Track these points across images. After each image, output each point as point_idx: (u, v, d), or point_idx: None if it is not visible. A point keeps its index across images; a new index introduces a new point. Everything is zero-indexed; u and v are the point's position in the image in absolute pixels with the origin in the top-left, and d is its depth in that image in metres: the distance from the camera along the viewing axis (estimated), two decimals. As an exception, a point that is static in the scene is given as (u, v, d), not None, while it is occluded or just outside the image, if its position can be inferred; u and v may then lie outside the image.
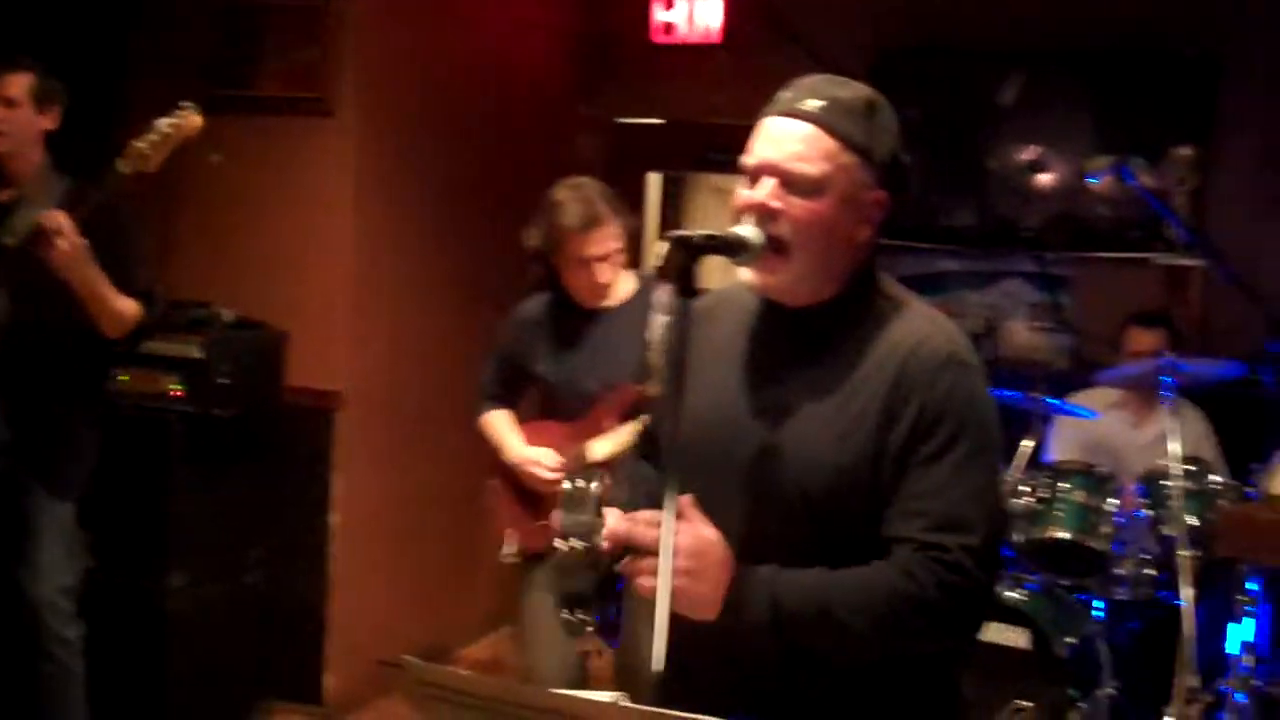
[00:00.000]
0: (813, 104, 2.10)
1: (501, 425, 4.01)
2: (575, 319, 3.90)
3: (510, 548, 3.89)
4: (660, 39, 6.57)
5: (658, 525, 1.93)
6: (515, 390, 4.08)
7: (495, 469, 4.00)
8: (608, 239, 3.78)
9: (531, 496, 3.92)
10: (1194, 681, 4.17)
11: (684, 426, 1.99)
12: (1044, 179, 6.47)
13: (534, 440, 3.93)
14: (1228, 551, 4.19)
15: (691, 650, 2.00)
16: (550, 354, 3.92)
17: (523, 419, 4.04)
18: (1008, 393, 4.70)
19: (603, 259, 3.78)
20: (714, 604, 2.01)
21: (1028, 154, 6.48)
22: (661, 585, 1.88)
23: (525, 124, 6.22)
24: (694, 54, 6.54)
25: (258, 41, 5.10)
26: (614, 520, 2.09)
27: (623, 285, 3.92)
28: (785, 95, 2.15)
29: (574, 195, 3.77)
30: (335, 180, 5.11)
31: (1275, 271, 5.88)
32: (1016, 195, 6.52)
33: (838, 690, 2.09)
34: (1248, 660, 4.46)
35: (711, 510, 2.05)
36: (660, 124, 6.88)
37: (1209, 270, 5.88)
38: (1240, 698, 4.38)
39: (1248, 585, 4.48)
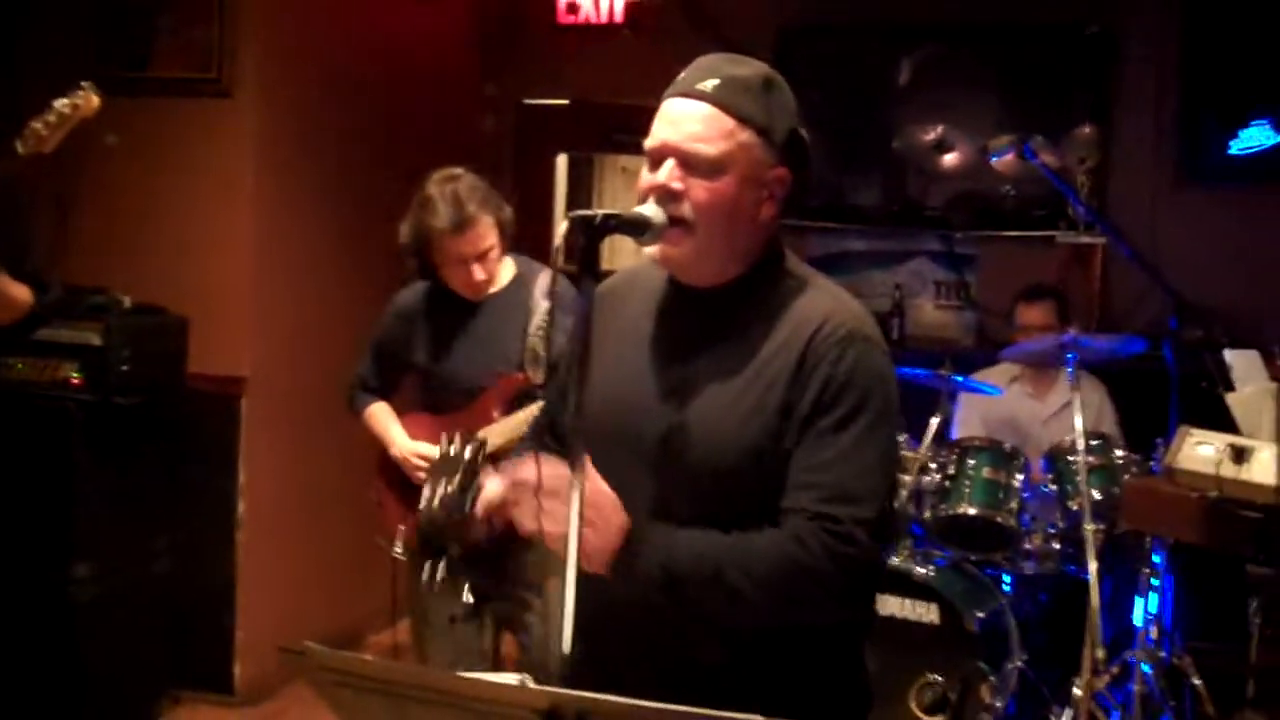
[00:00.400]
0: (709, 84, 2.09)
1: (384, 418, 3.91)
2: (454, 309, 3.79)
3: (399, 545, 3.83)
4: (565, 19, 6.55)
5: (553, 469, 1.94)
6: (392, 381, 3.98)
7: (379, 463, 3.91)
8: (480, 238, 3.63)
9: (417, 492, 3.82)
10: (1100, 653, 4.22)
11: (590, 407, 1.98)
12: (949, 158, 6.53)
13: (415, 434, 3.83)
14: (1132, 525, 4.24)
15: (598, 632, 1.97)
16: (430, 345, 3.81)
17: (399, 410, 3.94)
18: (915, 371, 4.73)
19: (478, 258, 3.66)
20: (607, 556, 2.00)
21: (932, 133, 6.53)
22: (570, 571, 1.84)
23: (429, 105, 6.15)
24: (599, 34, 6.52)
25: (152, 21, 4.99)
26: (494, 485, 2.08)
27: (503, 271, 3.81)
28: (683, 76, 2.14)
29: (443, 192, 3.62)
30: (234, 163, 5.02)
31: (1175, 248, 5.99)
32: (922, 175, 6.59)
33: (742, 666, 2.09)
34: (1153, 632, 4.55)
35: (619, 489, 2.03)
36: (567, 105, 6.85)
37: (1110, 247, 5.97)
38: (1146, 668, 4.46)
39: (1152, 558, 4.56)
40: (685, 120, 2.08)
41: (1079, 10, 6.27)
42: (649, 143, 2.12)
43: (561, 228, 1.97)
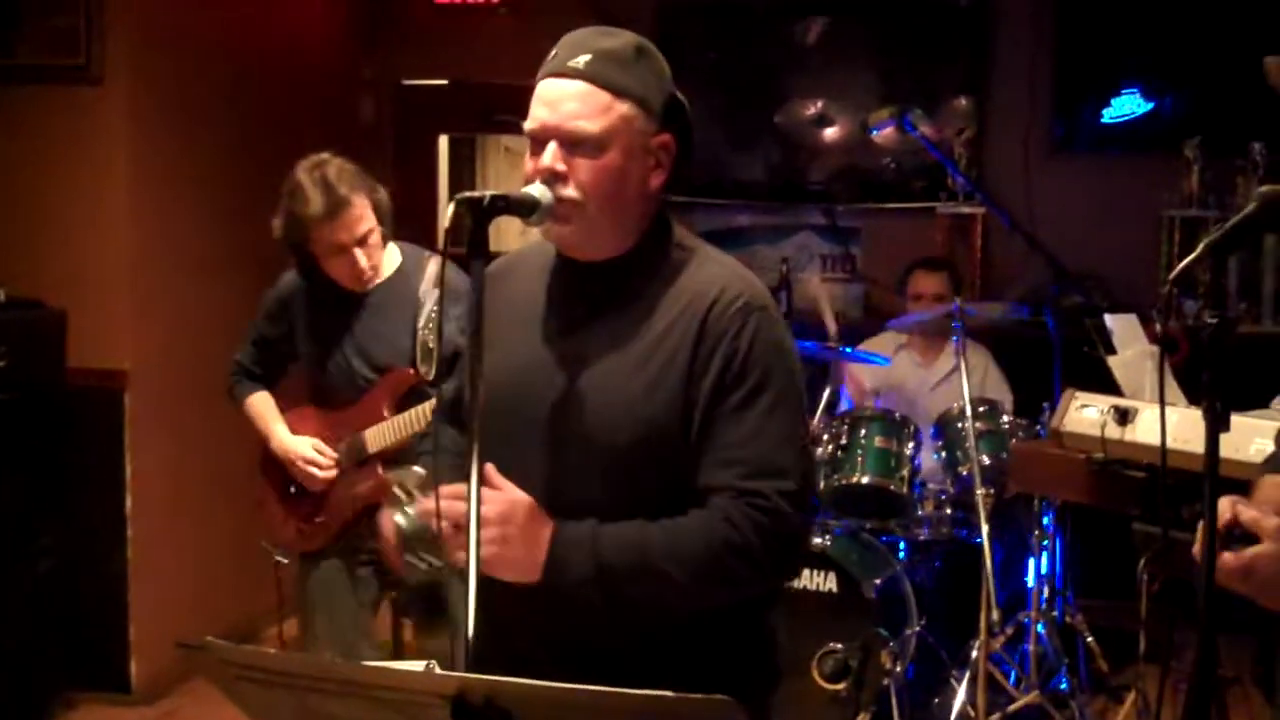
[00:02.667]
0: (581, 60, 2.07)
1: (266, 410, 3.79)
2: (338, 301, 3.64)
3: (280, 552, 3.76)
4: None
5: (464, 496, 1.88)
6: (274, 371, 3.85)
7: (260, 458, 3.81)
8: (356, 221, 3.48)
9: (301, 491, 3.74)
10: (995, 615, 4.29)
11: (487, 388, 1.95)
12: (830, 132, 6.59)
13: (299, 428, 3.73)
14: (1020, 488, 4.32)
15: (508, 615, 1.96)
16: (314, 340, 3.69)
17: (286, 402, 3.84)
18: (803, 343, 4.76)
19: (359, 243, 3.51)
20: (535, 566, 1.98)
21: (813, 108, 6.58)
22: (470, 554, 1.83)
23: (307, 89, 6.05)
24: (477, 14, 6.47)
25: (18, 7, 4.83)
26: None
27: (386, 261, 3.67)
28: (553, 55, 2.11)
29: (313, 178, 3.47)
30: (107, 151, 4.88)
31: (1052, 215, 6.11)
32: (804, 149, 6.64)
33: (652, 642, 2.08)
34: (1045, 592, 4.64)
35: (520, 471, 2.02)
36: (446, 85, 6.79)
37: (990, 217, 6.06)
38: (1040, 628, 4.55)
39: (1042, 520, 4.65)
40: (562, 100, 2.06)
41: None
42: (528, 126, 2.10)
43: (448, 210, 1.94)
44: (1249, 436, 3.15)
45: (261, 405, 3.80)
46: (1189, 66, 5.97)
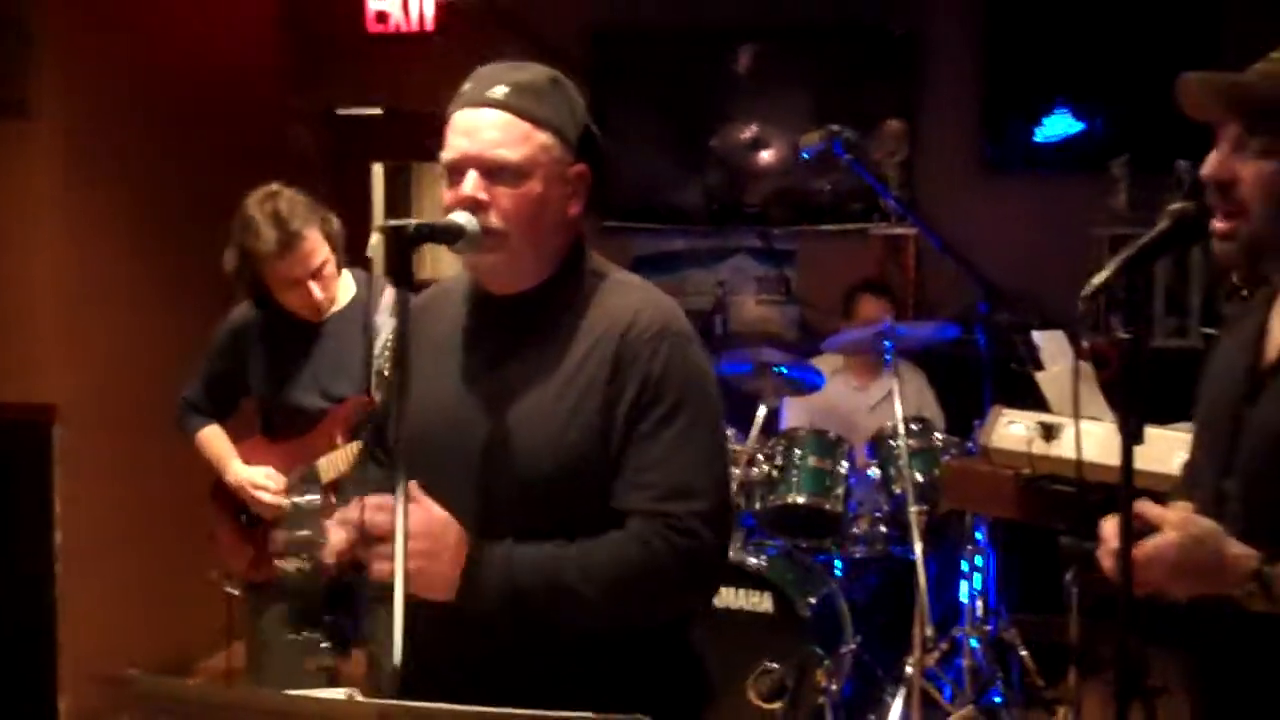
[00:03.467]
0: (498, 91, 2.10)
1: (218, 444, 3.74)
2: (294, 332, 3.60)
3: (231, 583, 3.73)
4: (375, 28, 6.49)
5: (389, 508, 1.90)
6: (227, 404, 3.80)
7: (212, 491, 3.76)
8: (309, 255, 3.43)
9: (254, 521, 3.69)
10: (930, 631, 4.34)
11: (411, 423, 1.98)
12: (765, 156, 6.64)
13: (252, 460, 3.67)
14: (952, 504, 4.37)
15: (431, 641, 2.00)
16: (269, 372, 3.64)
17: (237, 434, 3.79)
18: (740, 366, 4.79)
19: (313, 276, 3.46)
20: (450, 583, 2.00)
21: (748, 132, 6.64)
22: (398, 578, 1.84)
23: (239, 119, 6.03)
24: (410, 42, 6.48)
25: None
26: (338, 534, 2.06)
27: (341, 289, 3.63)
28: (468, 88, 2.14)
29: (264, 212, 3.41)
30: (39, 184, 4.86)
31: (982, 236, 6.18)
32: (739, 173, 6.69)
33: (575, 666, 2.10)
34: (978, 607, 4.68)
35: (445, 502, 2.03)
36: (380, 114, 6.79)
37: (922, 237, 6.13)
38: (974, 643, 4.60)
39: (975, 535, 4.70)
40: (481, 130, 2.08)
41: (885, 10, 6.43)
42: (447, 157, 2.12)
43: (374, 239, 1.96)
44: (1172, 449, 3.20)
45: (213, 439, 3.76)
46: (1117, 86, 6.07)
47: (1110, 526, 1.92)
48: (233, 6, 6.11)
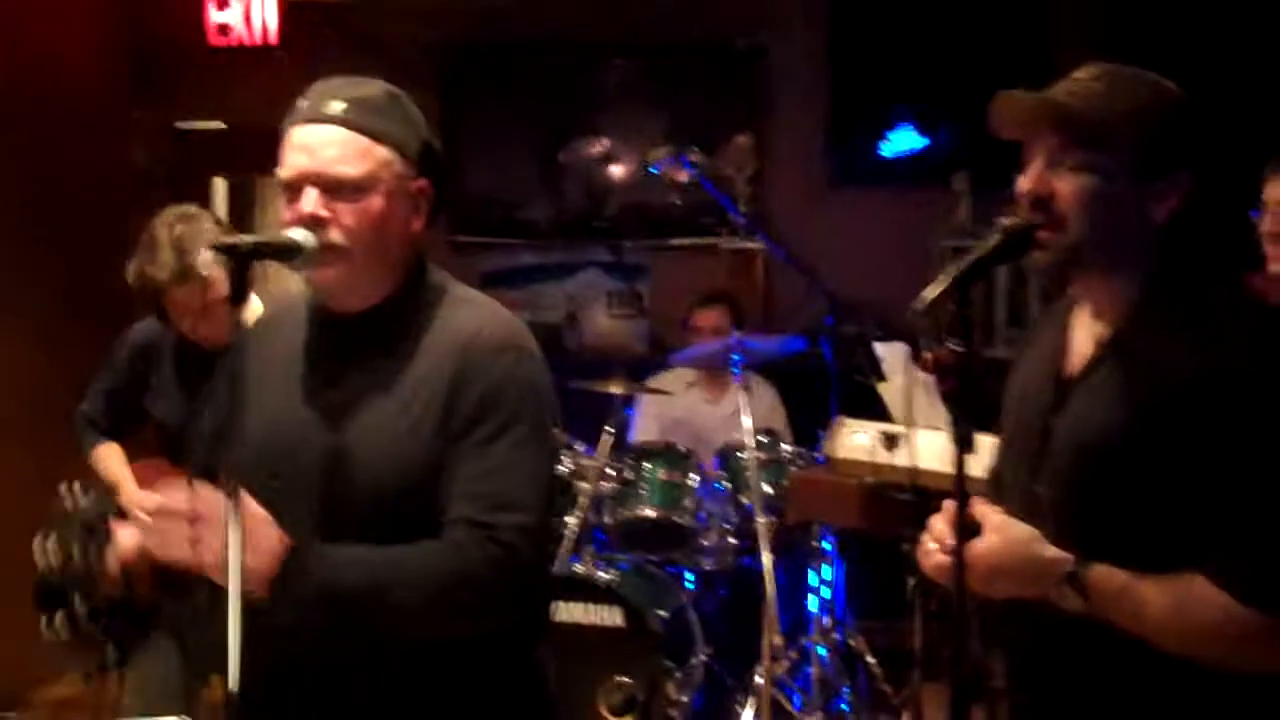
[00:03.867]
0: (337, 106, 2.09)
1: (114, 465, 3.63)
2: (196, 354, 3.47)
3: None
4: (217, 41, 6.37)
5: (208, 496, 1.92)
6: (126, 423, 3.69)
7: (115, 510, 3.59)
8: (208, 287, 3.28)
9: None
10: (779, 640, 4.37)
11: (249, 440, 1.99)
12: (616, 171, 6.65)
13: (146, 481, 3.52)
14: (798, 515, 4.41)
15: (267, 667, 1.97)
16: (169, 396, 3.55)
17: (135, 453, 3.67)
18: (589, 382, 4.78)
19: (212, 304, 3.32)
20: (264, 578, 1.96)
21: (599, 146, 6.64)
22: (232, 593, 1.82)
23: (77, 132, 5.87)
24: (253, 56, 6.37)
25: None
26: (126, 538, 2.02)
27: (249, 312, 3.53)
28: (305, 104, 2.12)
29: (169, 237, 3.28)
30: None
31: (829, 249, 6.26)
32: (591, 187, 6.69)
33: (413, 687, 2.08)
34: (826, 616, 4.73)
35: (286, 522, 2.01)
36: (224, 128, 6.67)
37: (770, 252, 6.19)
38: (822, 651, 4.64)
39: (823, 545, 4.75)
40: (321, 146, 2.07)
41: (732, 27, 6.49)
42: (284, 174, 2.10)
43: (205, 257, 1.93)
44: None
45: (107, 458, 3.64)
46: (959, 101, 6.19)
47: (935, 529, 1.97)
48: (71, 19, 5.95)
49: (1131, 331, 1.91)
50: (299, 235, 2.05)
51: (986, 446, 2.13)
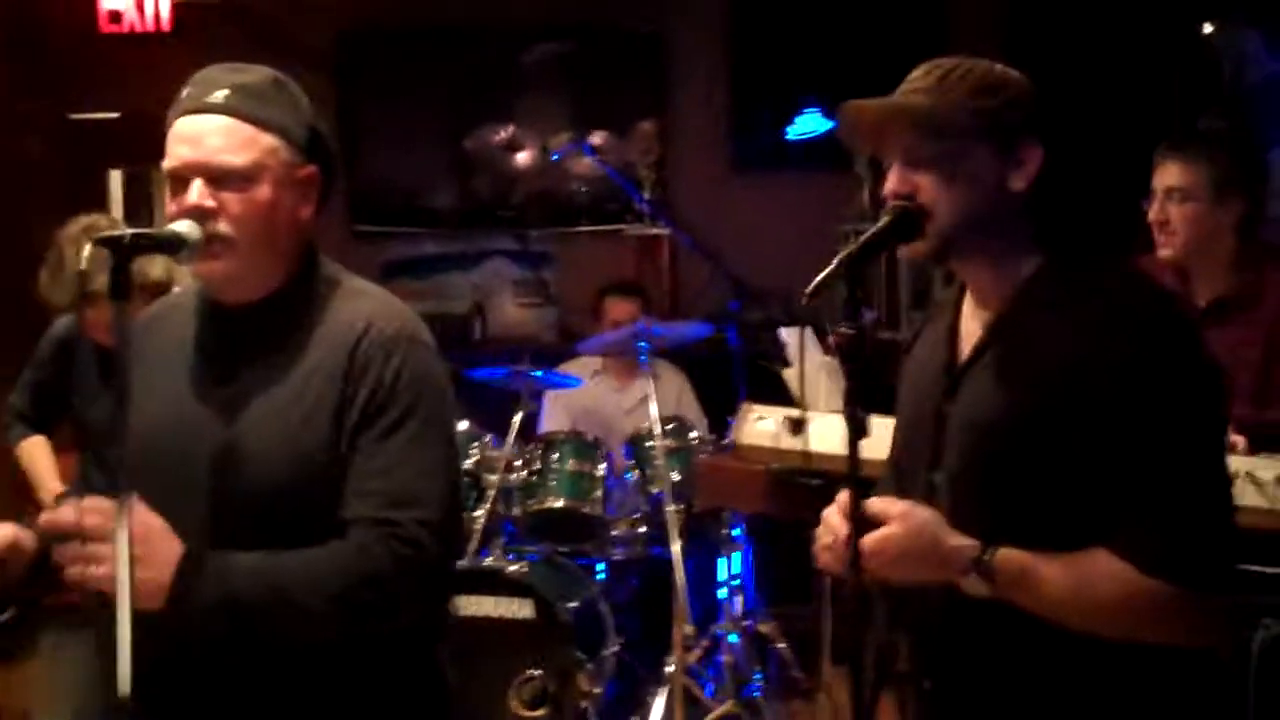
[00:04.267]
0: (219, 95, 2.05)
1: (38, 459, 3.65)
2: (109, 355, 3.43)
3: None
4: (108, 29, 6.23)
5: (103, 511, 1.87)
6: (53, 416, 3.69)
7: (31, 506, 3.58)
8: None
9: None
10: (690, 629, 4.36)
11: (137, 439, 1.94)
12: (521, 158, 6.60)
13: (70, 476, 3.52)
14: (705, 502, 4.39)
15: (162, 665, 1.93)
16: (92, 394, 3.51)
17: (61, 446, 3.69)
18: (496, 370, 4.74)
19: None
20: (161, 591, 1.92)
21: (503, 134, 6.59)
22: (121, 596, 1.77)
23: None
24: (146, 43, 6.24)
25: None
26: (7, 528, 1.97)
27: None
28: (188, 93, 2.08)
29: (74, 250, 3.30)
30: None
31: (733, 234, 6.27)
32: (496, 175, 6.63)
33: (310, 687, 2.05)
34: (737, 603, 4.73)
35: (180, 521, 1.97)
36: (118, 118, 6.52)
37: (676, 238, 6.18)
38: (733, 639, 4.63)
39: (733, 532, 4.74)
40: (205, 135, 2.04)
41: (637, 12, 6.46)
42: (169, 165, 2.06)
43: (85, 251, 1.89)
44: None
45: (34, 453, 3.66)
46: (864, 85, 6.21)
47: (830, 520, 1.99)
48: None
49: (1018, 314, 1.94)
50: (183, 228, 2.00)
51: (882, 429, 2.14)
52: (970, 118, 1.91)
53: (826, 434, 3.50)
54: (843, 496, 1.95)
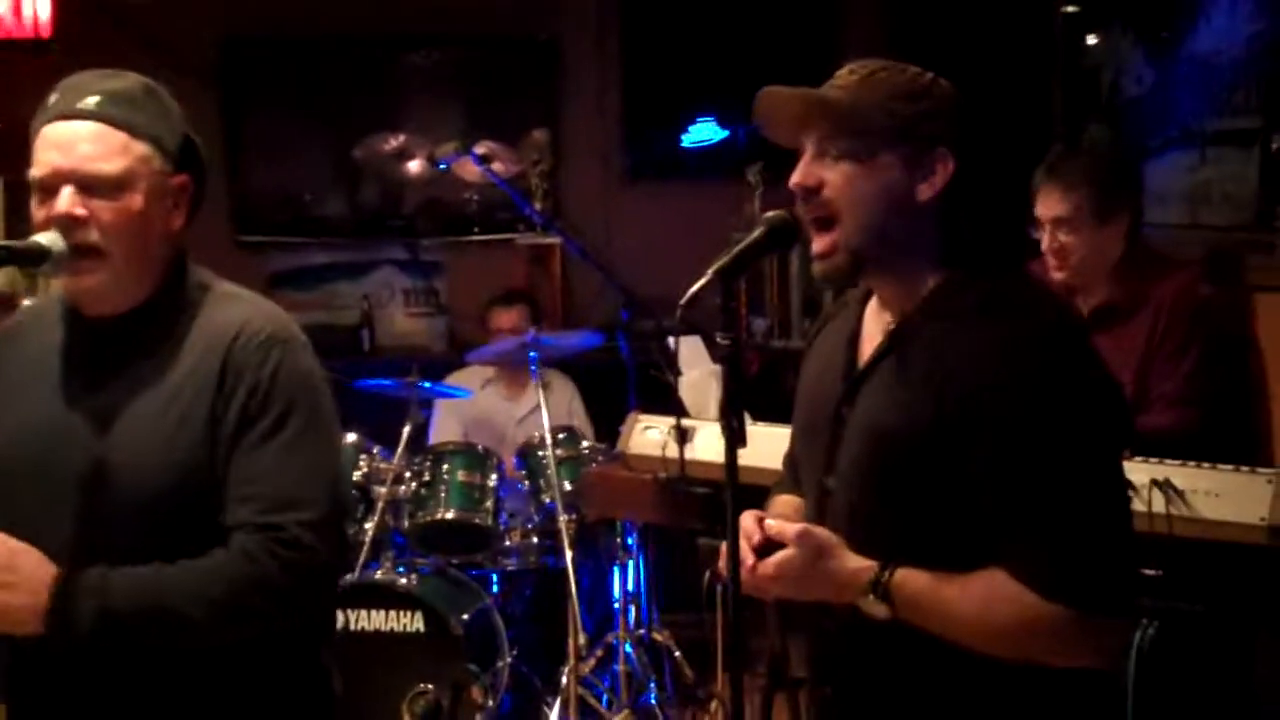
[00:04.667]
0: (90, 101, 2.02)
1: None
2: None
3: None
4: (-17, 35, 6.07)
5: None
6: None
7: None
8: None
9: None
10: (583, 639, 4.35)
11: (5, 454, 1.95)
12: (412, 166, 6.55)
13: None
14: (595, 512, 4.37)
15: (40, 675, 1.96)
16: None
17: None
18: (384, 381, 4.70)
19: None
20: (35, 615, 1.89)
21: (394, 142, 6.53)
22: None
23: None
24: (25, 49, 6.07)
25: None
26: None
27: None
28: (56, 99, 2.06)
29: None
30: None
31: (626, 243, 6.29)
32: (386, 184, 6.57)
33: (194, 688, 2.04)
34: (631, 611, 4.72)
35: (50, 534, 1.95)
36: (-3, 128, 6.37)
37: (566, 247, 6.17)
38: (628, 648, 4.63)
39: (626, 541, 4.74)
40: (75, 142, 2.00)
41: (528, 19, 6.44)
42: (37, 173, 2.03)
43: (-50, 266, 1.84)
44: (782, 446, 3.31)
45: None
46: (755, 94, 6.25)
47: (743, 541, 1.94)
48: None
49: (920, 323, 1.92)
50: (46, 240, 1.97)
51: (763, 439, 2.14)
52: (885, 119, 1.89)
53: (712, 443, 3.51)
54: (750, 521, 1.94)
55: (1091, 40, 5.23)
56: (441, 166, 5.09)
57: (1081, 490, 1.79)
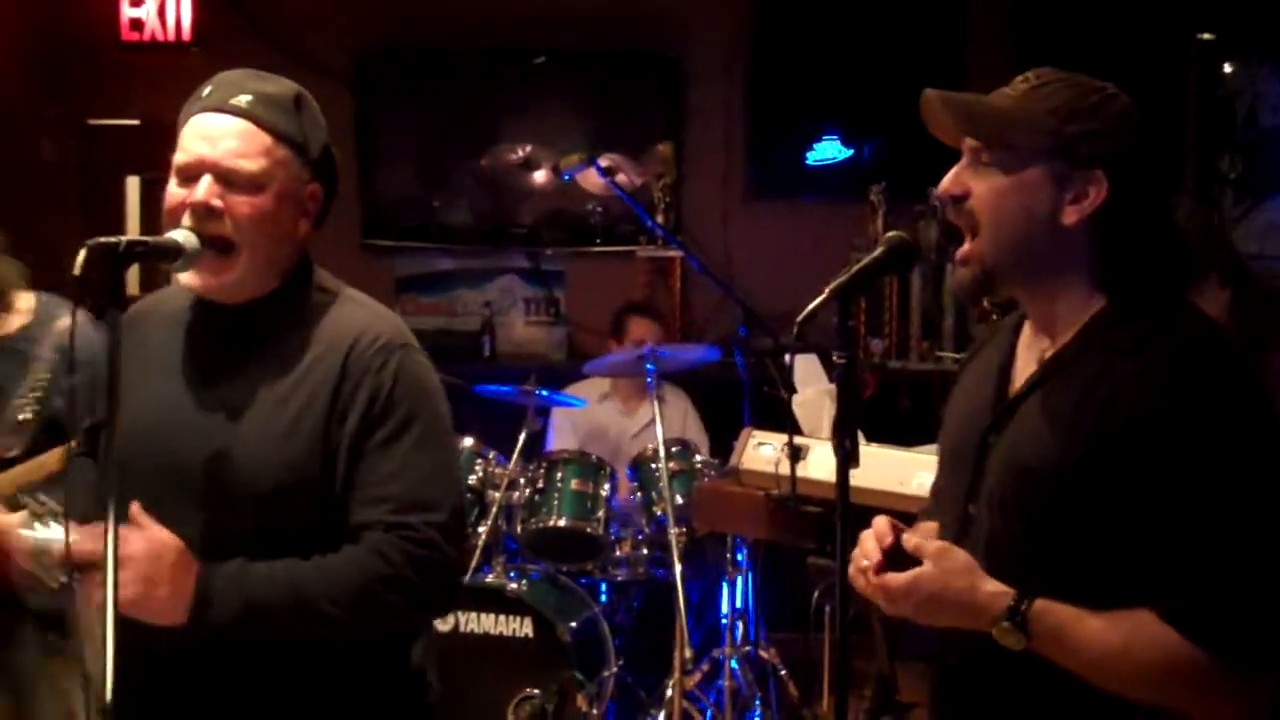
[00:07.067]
0: (243, 99, 2.07)
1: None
2: None
3: None
4: (130, 37, 6.26)
5: (99, 536, 1.83)
6: None
7: None
8: None
9: None
10: (689, 653, 4.34)
11: (126, 440, 1.92)
12: (537, 177, 6.60)
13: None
14: (704, 526, 4.38)
15: (141, 671, 1.93)
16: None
17: None
18: (502, 388, 4.75)
19: None
20: (180, 607, 1.95)
21: (520, 153, 6.60)
22: (109, 606, 1.77)
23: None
24: (168, 52, 6.27)
25: None
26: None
27: (13, 316, 3.10)
28: (210, 91, 2.10)
29: None
30: None
31: (747, 259, 6.29)
32: (510, 193, 6.64)
33: (290, 687, 2.07)
34: (738, 628, 4.71)
35: (167, 520, 1.99)
36: (137, 125, 6.55)
37: (686, 261, 6.19)
38: (733, 664, 4.62)
39: (736, 557, 4.73)
40: (223, 136, 2.05)
41: (655, 35, 6.48)
42: (181, 158, 2.07)
43: (80, 257, 1.88)
44: (912, 471, 3.29)
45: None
46: (881, 114, 6.22)
47: (865, 545, 1.91)
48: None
49: (1076, 353, 1.85)
50: (180, 236, 2.02)
51: (874, 460, 2.11)
52: (1042, 134, 1.82)
53: (825, 462, 3.50)
54: (885, 525, 1.90)
55: (1228, 69, 5.12)
56: (566, 177, 5.13)
57: (1245, 535, 1.69)
